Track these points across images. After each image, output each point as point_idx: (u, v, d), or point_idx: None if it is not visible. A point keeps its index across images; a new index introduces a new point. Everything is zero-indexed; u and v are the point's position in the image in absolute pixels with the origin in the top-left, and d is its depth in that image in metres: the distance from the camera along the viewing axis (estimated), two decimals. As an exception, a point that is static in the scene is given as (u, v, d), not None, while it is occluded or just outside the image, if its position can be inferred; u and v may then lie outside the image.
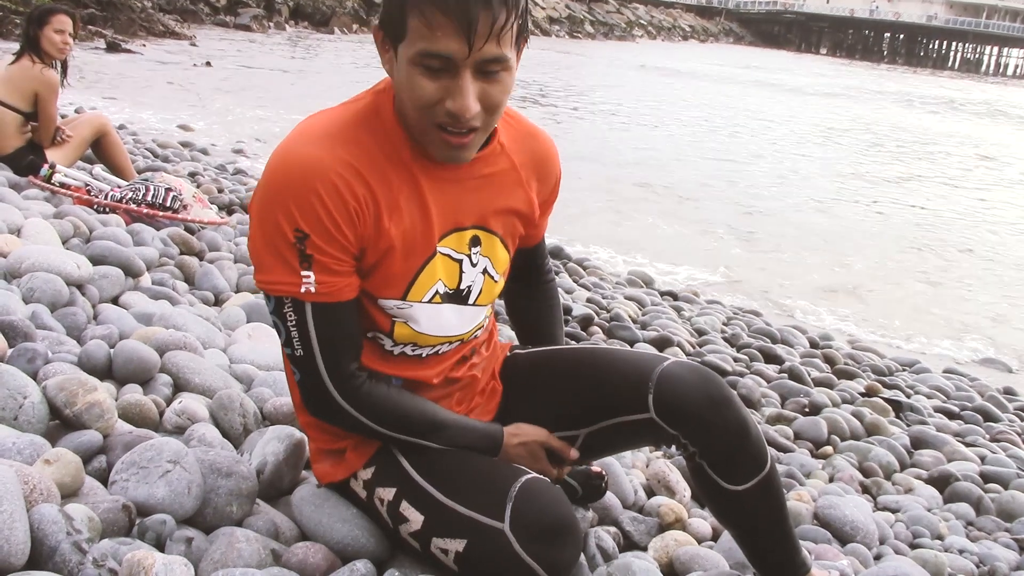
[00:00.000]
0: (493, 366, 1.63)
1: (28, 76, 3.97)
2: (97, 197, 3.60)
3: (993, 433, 3.41)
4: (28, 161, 3.94)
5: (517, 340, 1.80)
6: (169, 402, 1.84)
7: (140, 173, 4.41)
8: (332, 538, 1.44)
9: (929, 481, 2.75)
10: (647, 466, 2.20)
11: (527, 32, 1.28)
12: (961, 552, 2.20)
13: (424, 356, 1.44)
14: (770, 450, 1.52)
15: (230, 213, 4.37)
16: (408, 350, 1.42)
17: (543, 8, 44.39)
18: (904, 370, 4.35)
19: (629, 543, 1.84)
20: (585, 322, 3.84)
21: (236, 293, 3.02)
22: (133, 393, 1.80)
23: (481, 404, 1.58)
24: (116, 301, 2.49)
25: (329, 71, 16.48)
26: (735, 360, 3.83)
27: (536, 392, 1.58)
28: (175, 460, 1.42)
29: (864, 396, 3.63)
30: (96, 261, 2.58)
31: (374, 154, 1.29)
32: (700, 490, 1.53)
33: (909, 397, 3.75)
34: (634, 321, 4.12)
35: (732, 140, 13.62)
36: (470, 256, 1.42)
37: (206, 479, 1.46)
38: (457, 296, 1.42)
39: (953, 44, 76.64)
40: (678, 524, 1.90)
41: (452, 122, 1.22)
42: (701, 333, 4.22)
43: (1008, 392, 4.21)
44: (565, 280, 4.77)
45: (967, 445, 3.17)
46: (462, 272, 1.42)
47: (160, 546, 1.33)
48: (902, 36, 77.21)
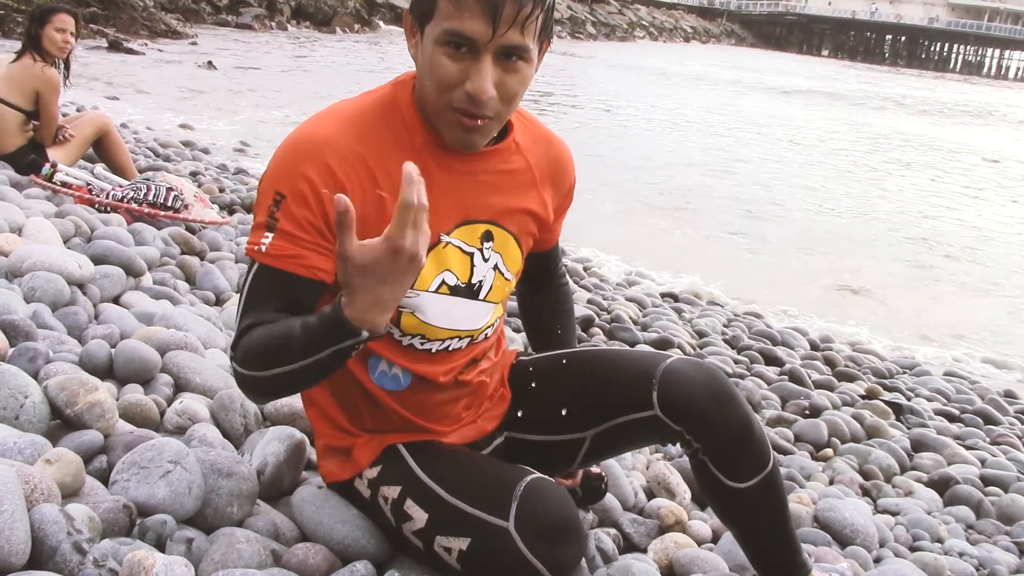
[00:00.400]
0: (502, 372, 1.63)
1: (29, 74, 3.97)
2: (98, 196, 3.61)
3: (993, 436, 3.41)
4: (29, 160, 3.94)
5: (530, 344, 1.80)
6: (170, 402, 1.84)
7: (141, 172, 4.41)
8: (332, 539, 1.44)
9: (929, 484, 2.74)
10: (647, 468, 2.20)
11: (551, 32, 1.30)
12: (961, 555, 2.20)
13: (433, 351, 1.44)
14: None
15: (231, 213, 4.37)
16: (417, 342, 1.41)
17: (545, 9, 44.32)
18: (904, 373, 4.35)
19: (629, 545, 1.85)
20: (586, 323, 3.84)
21: (237, 293, 3.01)
22: (134, 393, 1.80)
23: (489, 409, 1.58)
24: (117, 301, 2.50)
25: (331, 72, 16.48)
26: (735, 362, 3.83)
27: (541, 397, 1.58)
28: (176, 460, 1.43)
29: (864, 398, 3.63)
30: (97, 260, 2.58)
31: (384, 140, 1.31)
32: (703, 488, 1.53)
33: (909, 400, 3.74)
34: (634, 323, 4.12)
35: (734, 143, 13.61)
36: (482, 250, 1.42)
37: (207, 479, 1.46)
38: (468, 290, 1.42)
39: (955, 46, 76.68)
40: (678, 526, 1.90)
41: (469, 105, 1.24)
42: (702, 335, 4.22)
43: (1009, 395, 4.21)
44: (566, 281, 4.76)
45: (967, 448, 3.17)
46: (473, 266, 1.42)
47: (161, 546, 1.34)
48: (904, 38, 77.25)
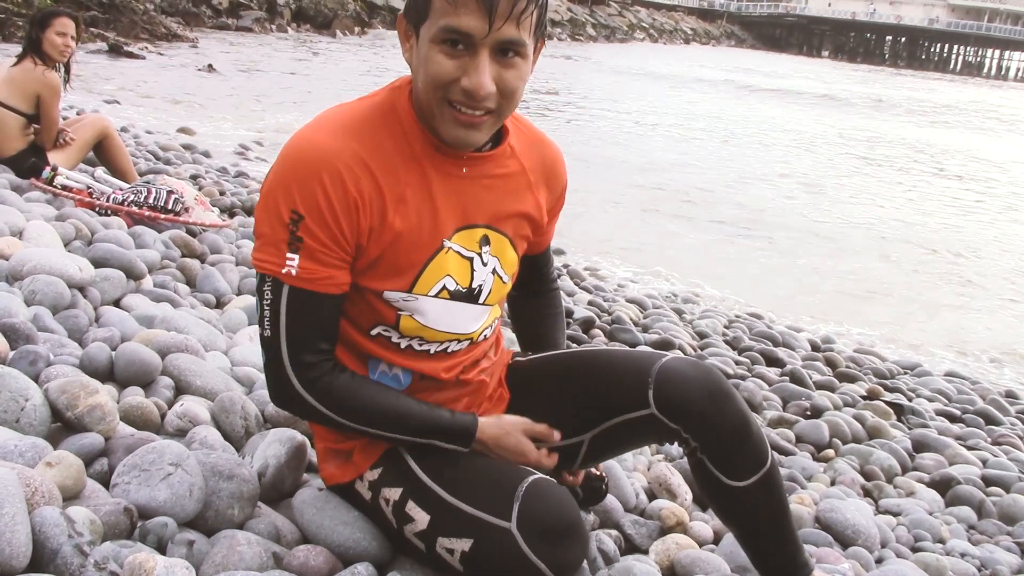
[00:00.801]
0: (500, 373, 1.63)
1: (30, 78, 3.98)
2: (99, 200, 3.61)
3: (995, 436, 3.41)
4: (30, 163, 3.94)
5: (519, 344, 1.80)
6: (171, 405, 1.84)
7: (142, 176, 4.41)
8: (334, 541, 1.44)
9: (931, 484, 2.74)
10: (648, 469, 2.20)
11: (545, 28, 1.31)
12: (963, 555, 2.20)
13: (432, 352, 1.44)
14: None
15: (232, 216, 4.37)
16: (415, 344, 1.42)
17: (545, 11, 44.37)
18: (906, 373, 4.35)
19: (630, 546, 1.84)
20: (586, 325, 3.84)
21: (237, 296, 3.02)
22: (135, 396, 1.80)
23: (489, 410, 1.58)
24: (118, 304, 2.50)
25: (331, 74, 16.49)
26: (736, 363, 3.83)
27: (538, 399, 1.58)
28: (176, 463, 1.43)
29: (866, 399, 3.63)
30: (98, 263, 2.58)
31: (385, 147, 1.31)
32: (702, 487, 1.53)
33: (911, 400, 3.74)
34: (635, 324, 4.12)
35: (739, 147, 13.60)
36: (480, 255, 1.43)
37: (207, 482, 1.46)
38: (469, 295, 1.43)
39: (955, 47, 76.66)
40: (679, 527, 1.90)
41: (466, 100, 1.25)
42: (702, 336, 4.22)
43: (1010, 395, 4.21)
44: (566, 283, 4.77)
45: (969, 448, 3.17)
46: (473, 270, 1.43)
47: (161, 549, 1.34)
48: (904, 39, 77.24)
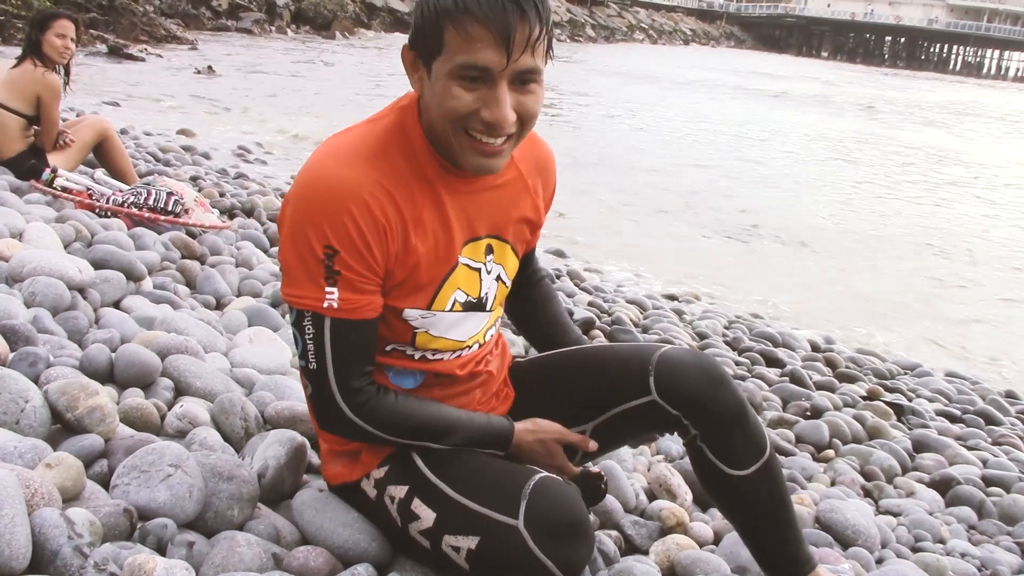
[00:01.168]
0: (505, 371, 1.64)
1: (30, 79, 3.98)
2: (99, 201, 3.61)
3: (995, 437, 3.41)
4: (30, 165, 3.94)
5: (531, 343, 1.79)
6: (170, 406, 1.84)
7: (142, 177, 4.42)
8: (333, 542, 1.45)
9: (931, 485, 2.74)
10: (648, 470, 2.20)
11: (552, 50, 1.31)
12: (963, 556, 2.20)
13: (446, 359, 1.48)
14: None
15: (232, 217, 4.37)
16: (428, 354, 1.45)
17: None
18: (906, 373, 4.34)
19: (630, 547, 1.84)
20: (586, 326, 3.84)
21: (237, 297, 3.02)
22: (134, 397, 1.80)
23: (495, 408, 1.60)
24: (117, 305, 2.50)
25: (331, 75, 16.49)
26: (736, 364, 3.83)
27: (541, 393, 1.60)
28: (176, 464, 1.43)
29: (866, 399, 3.62)
30: (97, 265, 2.58)
31: (401, 171, 1.32)
32: (703, 479, 1.55)
33: (911, 401, 3.74)
34: (635, 324, 4.12)
35: (739, 148, 13.60)
36: (485, 264, 1.45)
37: (207, 483, 1.46)
38: (478, 304, 1.46)
39: (954, 47, 76.71)
40: (679, 528, 1.90)
41: (486, 131, 1.25)
42: (702, 336, 4.22)
43: (1010, 396, 4.20)
44: (567, 284, 4.77)
45: (969, 449, 3.16)
46: (481, 280, 1.45)
47: (161, 550, 1.34)
48: (903, 40, 77.30)
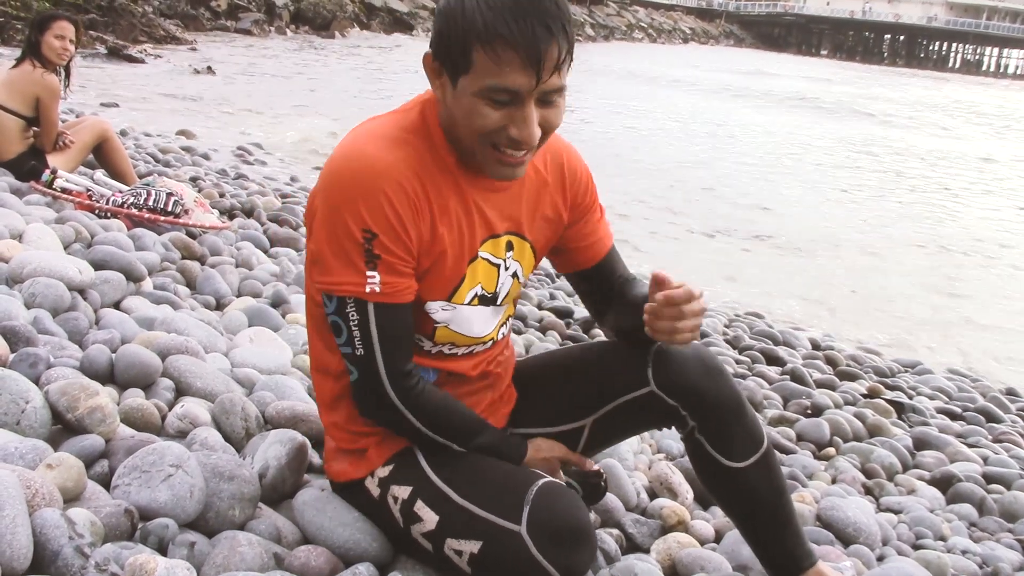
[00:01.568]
0: (510, 373, 1.65)
1: (30, 80, 3.98)
2: (99, 202, 3.61)
3: (996, 434, 3.41)
4: (30, 166, 3.94)
5: (616, 324, 1.63)
6: (171, 406, 1.84)
7: (141, 178, 4.41)
8: (334, 542, 1.45)
9: (932, 482, 2.74)
10: (649, 468, 2.20)
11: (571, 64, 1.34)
12: (964, 553, 2.20)
13: (460, 355, 1.49)
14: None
15: (231, 218, 4.37)
16: (445, 349, 1.47)
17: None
18: (906, 371, 4.35)
19: (632, 545, 1.84)
20: (587, 325, 3.85)
21: (237, 297, 3.02)
22: (135, 397, 1.80)
23: (500, 408, 1.61)
24: (118, 306, 2.50)
25: (331, 75, 16.49)
26: (737, 362, 3.83)
27: (542, 391, 1.61)
28: (177, 464, 1.43)
29: (866, 397, 3.62)
30: (98, 266, 2.58)
31: (426, 160, 1.34)
32: (701, 473, 1.56)
33: (911, 398, 3.74)
34: (636, 323, 4.11)
35: (739, 149, 13.58)
36: (505, 261, 1.47)
37: (208, 483, 1.46)
38: (492, 299, 1.47)
39: (953, 45, 76.72)
40: (680, 526, 1.90)
41: (511, 145, 1.27)
42: (703, 335, 4.22)
43: (1011, 393, 4.20)
44: (566, 284, 4.77)
45: (969, 446, 3.16)
46: (498, 276, 1.47)
47: (162, 550, 1.34)
48: (902, 37, 77.30)
